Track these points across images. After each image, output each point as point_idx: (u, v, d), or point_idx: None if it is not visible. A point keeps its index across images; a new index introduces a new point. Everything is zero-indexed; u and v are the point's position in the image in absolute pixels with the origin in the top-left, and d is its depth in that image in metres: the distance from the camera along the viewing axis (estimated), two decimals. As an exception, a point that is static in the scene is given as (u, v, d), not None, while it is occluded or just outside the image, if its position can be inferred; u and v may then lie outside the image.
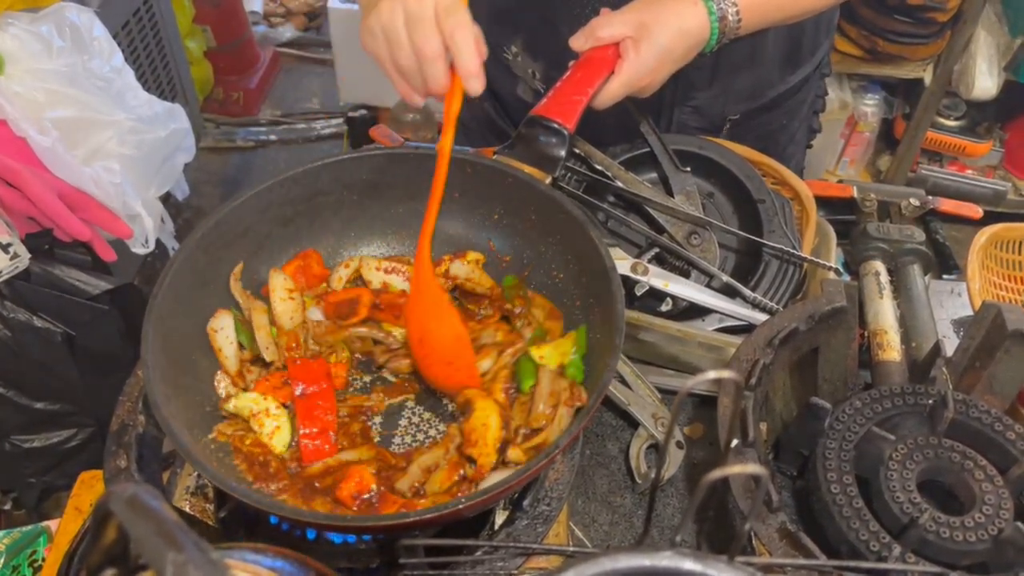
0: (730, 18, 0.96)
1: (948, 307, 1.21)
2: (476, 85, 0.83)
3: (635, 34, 0.94)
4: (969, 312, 1.17)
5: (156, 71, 2.10)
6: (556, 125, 0.94)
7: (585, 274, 0.86)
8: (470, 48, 0.82)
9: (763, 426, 0.90)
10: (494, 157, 0.94)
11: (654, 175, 1.12)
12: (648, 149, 1.11)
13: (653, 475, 0.92)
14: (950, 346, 0.90)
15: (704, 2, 0.95)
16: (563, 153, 0.94)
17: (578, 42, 0.97)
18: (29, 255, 1.28)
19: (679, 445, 0.94)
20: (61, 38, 1.35)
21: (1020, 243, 1.21)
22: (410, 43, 0.83)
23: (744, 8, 0.96)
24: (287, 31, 3.49)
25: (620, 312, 0.77)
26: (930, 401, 0.79)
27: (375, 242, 0.96)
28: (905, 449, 0.75)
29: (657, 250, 1.04)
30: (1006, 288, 1.20)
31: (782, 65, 1.19)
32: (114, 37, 1.47)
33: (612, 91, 0.96)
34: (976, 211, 1.24)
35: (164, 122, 1.47)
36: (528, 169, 0.91)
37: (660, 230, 1.04)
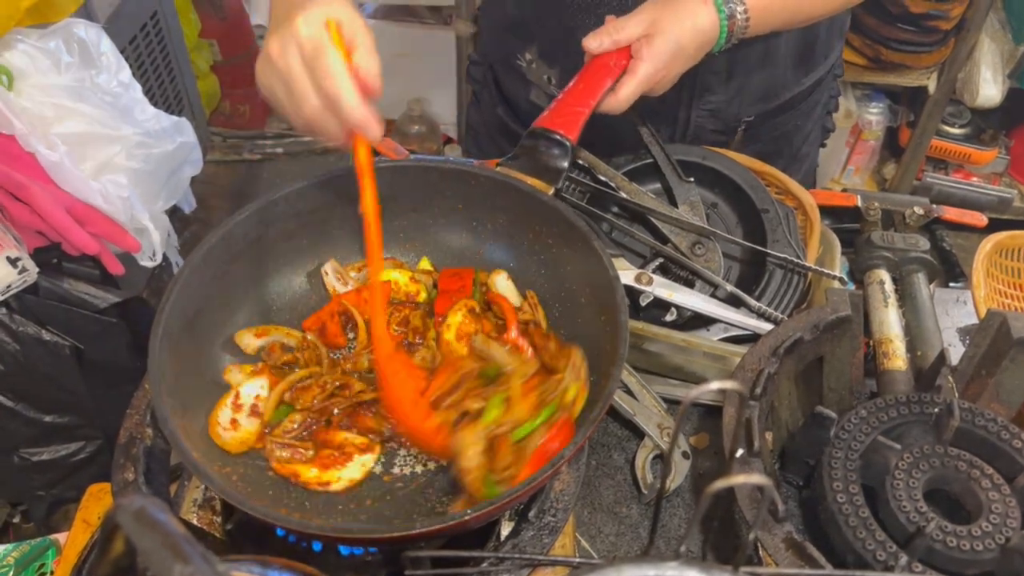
0: (738, 18, 0.97)
1: (953, 315, 1.20)
2: (374, 133, 0.74)
3: (649, 31, 0.96)
4: (974, 320, 1.16)
5: (163, 85, 2.11)
6: (559, 136, 0.95)
7: (589, 285, 0.86)
8: (349, 96, 0.71)
9: (768, 435, 0.89)
10: (497, 169, 0.94)
11: (658, 186, 1.12)
12: (651, 160, 1.11)
13: (659, 485, 0.92)
14: (955, 354, 0.89)
15: (714, 1, 0.96)
16: (566, 164, 0.95)
17: (593, 43, 0.98)
18: (37, 269, 1.29)
19: (685, 455, 0.94)
20: (69, 54, 1.36)
21: (1025, 251, 1.21)
22: (290, 105, 0.75)
23: (752, 8, 0.97)
24: (293, 44, 3.50)
25: (624, 322, 0.77)
26: (936, 410, 0.79)
27: (380, 254, 0.97)
28: (911, 458, 0.75)
29: (661, 260, 1.04)
30: (1011, 296, 1.20)
31: (796, 67, 1.20)
32: (121, 52, 1.49)
33: (628, 92, 0.97)
34: (981, 219, 1.24)
35: (171, 136, 1.48)
36: (531, 180, 0.91)
37: (664, 240, 1.04)
